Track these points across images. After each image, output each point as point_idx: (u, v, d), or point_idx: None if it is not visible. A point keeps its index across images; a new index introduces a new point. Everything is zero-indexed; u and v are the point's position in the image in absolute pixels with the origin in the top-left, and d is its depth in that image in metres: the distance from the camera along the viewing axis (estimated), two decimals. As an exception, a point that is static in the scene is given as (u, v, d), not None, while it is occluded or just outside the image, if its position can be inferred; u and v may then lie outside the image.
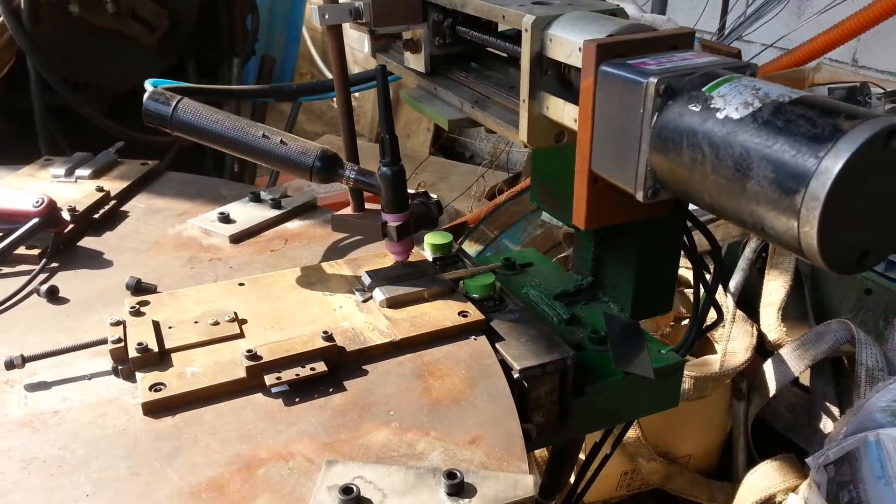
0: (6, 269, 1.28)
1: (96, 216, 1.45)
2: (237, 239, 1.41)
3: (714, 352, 2.26)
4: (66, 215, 1.36)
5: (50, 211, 1.30)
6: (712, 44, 3.11)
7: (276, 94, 1.43)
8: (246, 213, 1.49)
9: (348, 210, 1.30)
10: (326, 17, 1.17)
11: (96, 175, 1.62)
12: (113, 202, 1.51)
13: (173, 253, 1.37)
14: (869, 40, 3.23)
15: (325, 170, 1.14)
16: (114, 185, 1.57)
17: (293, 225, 1.49)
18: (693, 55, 0.81)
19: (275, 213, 1.50)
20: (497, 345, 1.12)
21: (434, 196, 1.30)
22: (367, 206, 1.39)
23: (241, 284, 1.21)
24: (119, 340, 1.02)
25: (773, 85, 0.69)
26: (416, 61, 1.31)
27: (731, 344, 2.23)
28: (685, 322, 2.38)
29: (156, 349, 1.01)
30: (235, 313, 1.11)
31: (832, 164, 0.58)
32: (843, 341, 2.12)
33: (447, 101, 1.28)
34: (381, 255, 1.30)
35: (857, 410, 1.91)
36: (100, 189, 1.51)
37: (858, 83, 2.74)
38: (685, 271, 2.07)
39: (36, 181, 1.59)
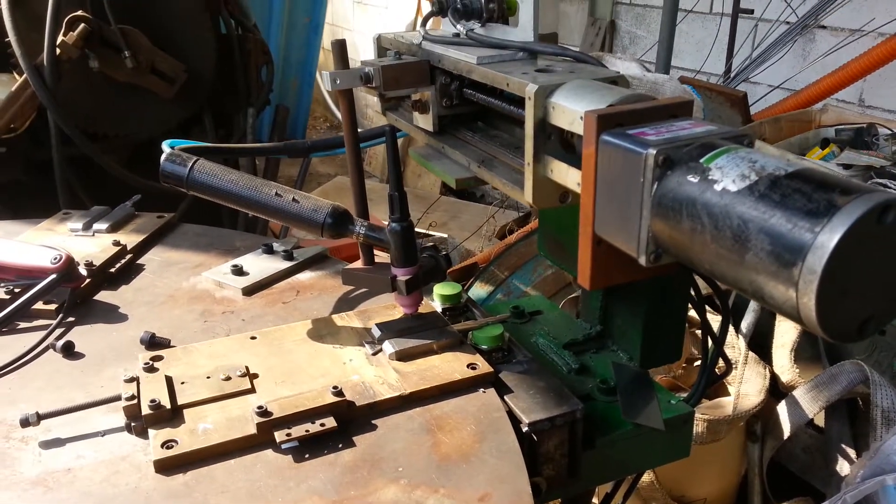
0: (24, 325, 1.30)
1: (112, 270, 1.48)
2: (250, 291, 1.44)
3: (727, 394, 2.24)
4: (82, 270, 1.39)
5: (67, 267, 1.32)
6: (718, 87, 3.15)
7: (290, 150, 1.46)
8: (258, 264, 1.52)
9: (358, 264, 1.32)
10: (337, 82, 1.21)
11: (113, 229, 1.65)
12: (129, 256, 1.54)
13: (187, 306, 1.39)
14: (875, 81, 3.26)
15: (336, 226, 1.17)
16: (130, 239, 1.60)
17: (305, 276, 1.52)
18: (691, 124, 0.83)
19: (287, 264, 1.52)
20: (506, 397, 1.13)
21: (445, 237, 1.32)
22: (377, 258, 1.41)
23: (253, 338, 1.23)
24: (132, 397, 1.03)
25: (769, 157, 0.72)
26: (424, 121, 1.35)
27: (744, 386, 2.22)
28: (697, 363, 2.37)
29: (168, 406, 1.02)
30: (247, 367, 1.13)
31: (827, 239, 0.60)
32: (857, 382, 2.10)
33: (454, 159, 1.31)
34: (391, 306, 1.31)
35: (874, 453, 1.88)
36: (116, 243, 1.55)
37: (865, 124, 2.76)
38: (694, 312, 2.07)
39: (54, 235, 1.62)
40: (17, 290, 1.32)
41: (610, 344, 1.37)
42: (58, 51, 2.32)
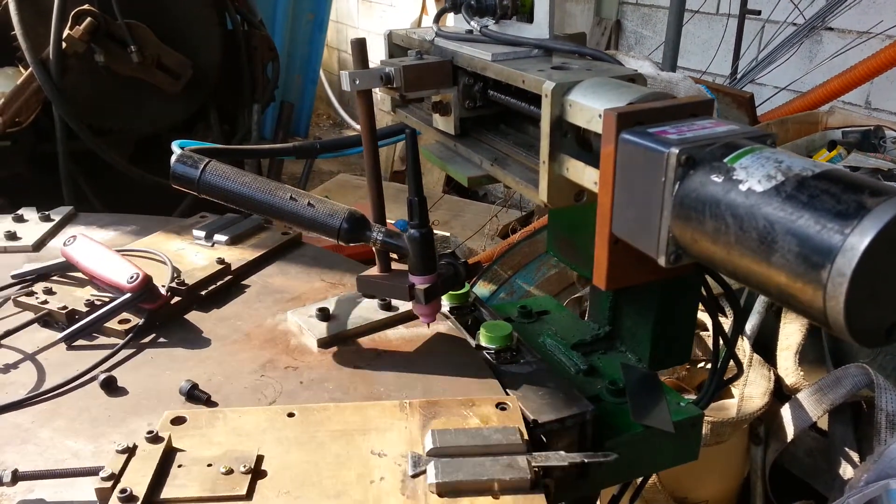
0: (98, 341, 1.24)
1: (203, 293, 1.38)
2: (326, 343, 1.26)
3: (731, 396, 2.24)
4: (168, 288, 1.33)
5: (143, 288, 1.25)
6: (725, 88, 3.14)
7: (299, 152, 1.43)
8: (350, 309, 1.34)
9: (375, 270, 1.28)
10: (357, 82, 1.17)
11: (234, 241, 1.57)
12: (228, 278, 1.45)
13: (256, 351, 1.26)
14: (882, 83, 3.25)
15: (352, 231, 1.13)
16: (241, 256, 1.51)
17: (396, 333, 1.32)
18: (713, 123, 0.82)
19: (382, 315, 1.32)
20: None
21: (448, 236, 1.28)
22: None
23: (291, 415, 1.04)
24: (111, 477, 0.90)
25: (794, 157, 0.71)
26: (444, 123, 1.31)
27: (749, 388, 2.21)
28: (701, 365, 2.36)
29: (139, 500, 0.87)
30: (259, 460, 0.95)
31: (858, 241, 0.59)
32: (862, 386, 2.10)
33: (466, 157, 1.29)
34: (468, 402, 1.07)
35: (878, 457, 1.88)
36: (220, 261, 1.45)
37: (872, 126, 2.75)
38: (700, 313, 2.07)
39: (175, 241, 1.56)
40: (96, 303, 1.27)
41: (618, 345, 1.36)
42: (64, 45, 2.31)
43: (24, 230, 1.62)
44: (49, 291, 1.32)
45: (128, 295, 1.23)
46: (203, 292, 1.38)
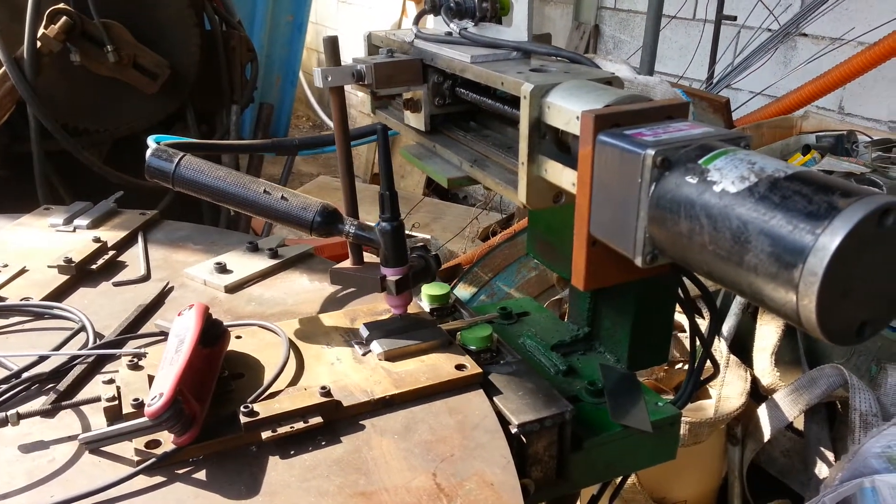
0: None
1: (94, 267, 1.45)
2: (233, 289, 1.42)
3: (709, 397, 2.26)
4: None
5: (164, 414, 0.92)
6: (701, 92, 3.17)
7: (278, 147, 1.44)
8: (242, 262, 1.50)
9: (347, 263, 1.31)
10: (329, 79, 1.19)
11: (94, 225, 1.63)
12: (111, 253, 1.52)
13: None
14: (855, 89, 3.31)
15: (326, 224, 1.16)
16: (112, 235, 1.58)
17: (290, 274, 1.50)
18: (688, 125, 0.83)
19: (272, 262, 1.51)
20: (495, 398, 1.13)
21: (428, 238, 1.31)
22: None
23: (238, 337, 1.21)
24: None
25: (767, 159, 0.72)
26: (415, 120, 1.34)
27: (726, 389, 2.23)
28: (679, 366, 2.38)
29: None
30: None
31: (829, 241, 0.60)
32: (837, 386, 2.13)
33: (446, 158, 1.30)
34: (379, 305, 1.30)
35: (853, 456, 1.91)
36: (97, 240, 1.52)
37: (846, 131, 2.80)
38: (678, 315, 2.09)
39: (34, 230, 1.59)
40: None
41: (597, 346, 1.37)
42: (38, 43, 2.28)
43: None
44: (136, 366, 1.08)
45: (144, 419, 0.94)
46: (93, 266, 1.45)
